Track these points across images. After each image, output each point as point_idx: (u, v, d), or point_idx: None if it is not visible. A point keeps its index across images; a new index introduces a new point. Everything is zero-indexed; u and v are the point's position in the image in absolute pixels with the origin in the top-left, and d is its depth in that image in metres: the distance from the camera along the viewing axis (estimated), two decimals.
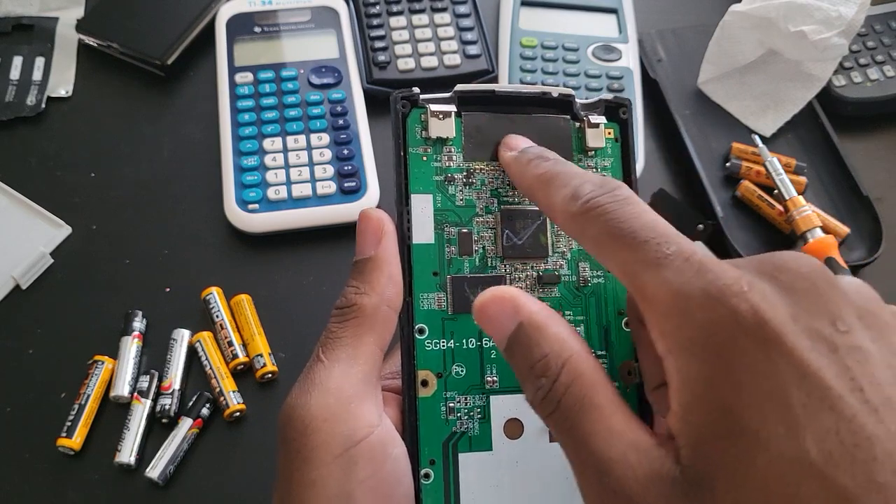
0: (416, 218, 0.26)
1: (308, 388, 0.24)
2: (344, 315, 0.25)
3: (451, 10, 0.61)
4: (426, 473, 0.25)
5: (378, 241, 0.25)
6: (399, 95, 0.26)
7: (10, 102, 0.56)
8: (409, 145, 0.26)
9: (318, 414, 0.23)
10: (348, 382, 0.24)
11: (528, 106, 0.28)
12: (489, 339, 0.26)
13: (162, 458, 0.42)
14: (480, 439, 0.25)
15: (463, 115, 0.27)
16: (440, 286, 0.26)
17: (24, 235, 0.50)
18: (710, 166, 0.55)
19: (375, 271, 0.25)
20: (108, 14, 0.60)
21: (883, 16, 0.61)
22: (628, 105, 0.28)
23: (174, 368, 0.45)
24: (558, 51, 0.59)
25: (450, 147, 0.27)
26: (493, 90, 0.27)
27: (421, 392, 0.25)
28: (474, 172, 0.27)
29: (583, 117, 0.28)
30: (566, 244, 0.27)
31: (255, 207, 0.50)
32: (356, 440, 0.23)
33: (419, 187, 0.26)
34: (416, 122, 0.27)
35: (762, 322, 0.17)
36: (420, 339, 0.25)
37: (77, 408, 0.43)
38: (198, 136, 0.56)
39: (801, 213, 0.49)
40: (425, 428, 0.25)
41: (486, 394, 0.26)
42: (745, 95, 0.58)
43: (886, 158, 0.58)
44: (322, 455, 0.23)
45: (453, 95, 0.27)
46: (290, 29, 0.58)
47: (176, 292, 0.49)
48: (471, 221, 0.27)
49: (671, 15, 0.65)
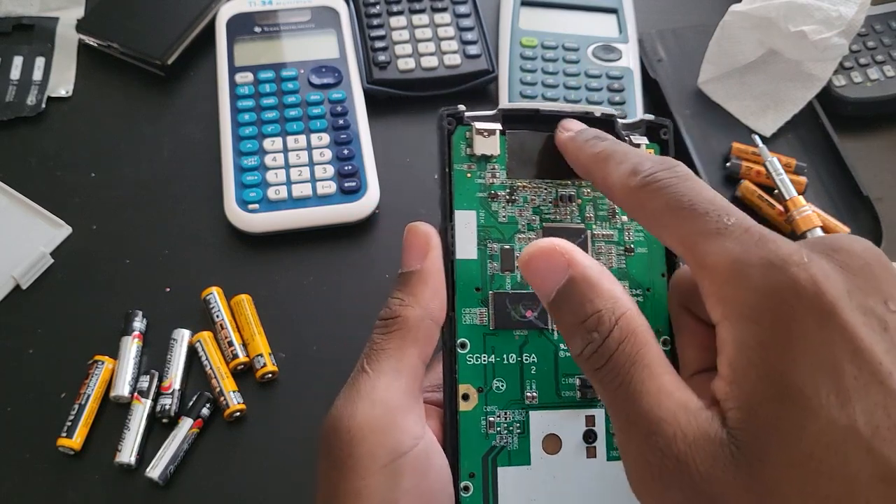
0: (459, 234, 0.26)
1: (354, 398, 0.24)
2: (388, 326, 0.25)
3: (451, 10, 0.60)
4: (466, 486, 0.25)
5: (425, 254, 0.25)
6: (445, 112, 0.27)
7: (10, 102, 0.56)
8: (454, 162, 0.27)
9: (364, 424, 0.23)
10: (393, 394, 0.24)
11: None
12: (529, 356, 0.26)
13: (162, 458, 0.42)
14: (519, 454, 0.26)
15: (507, 134, 0.27)
16: (482, 302, 0.26)
17: (24, 235, 0.50)
18: (711, 166, 0.55)
19: (421, 284, 0.25)
20: (108, 14, 0.60)
21: (883, 16, 0.61)
22: (669, 126, 0.29)
23: (174, 368, 0.45)
24: (558, 51, 0.59)
25: (493, 164, 0.27)
26: (537, 109, 0.27)
27: (462, 406, 0.25)
28: (517, 190, 0.27)
29: (625, 137, 0.28)
30: (606, 262, 0.27)
31: (255, 207, 0.50)
32: (402, 451, 0.23)
33: (463, 203, 0.27)
34: (461, 140, 0.27)
35: (820, 293, 0.18)
36: (462, 353, 0.26)
37: (77, 408, 0.43)
38: (198, 136, 0.56)
39: (801, 213, 0.49)
40: (466, 441, 0.25)
41: (526, 409, 0.26)
42: (745, 95, 0.58)
43: (886, 158, 0.58)
44: (368, 465, 0.23)
45: (498, 113, 0.27)
46: (290, 29, 0.58)
47: (176, 292, 0.49)
48: (513, 238, 0.27)
49: (671, 15, 0.65)
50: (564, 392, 0.26)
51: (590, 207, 0.28)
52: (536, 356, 0.26)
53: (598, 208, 0.28)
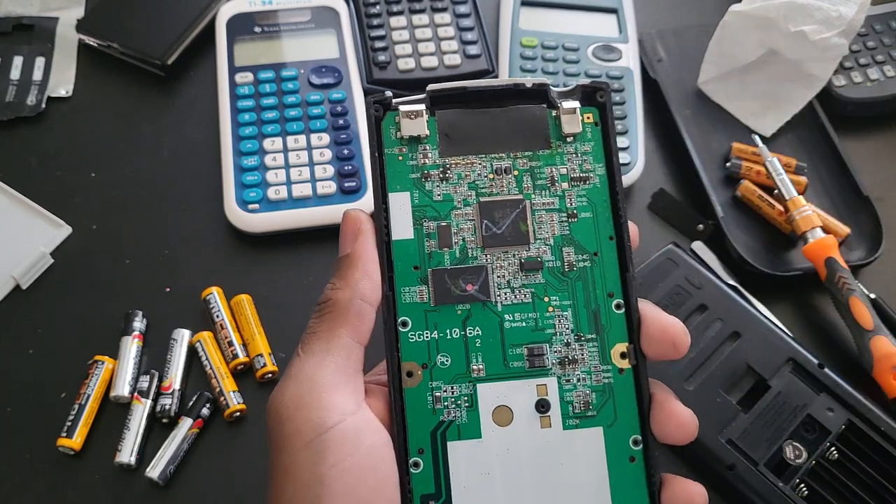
0: (394, 215, 0.27)
1: (285, 380, 0.25)
2: (320, 310, 0.26)
3: (451, 9, 0.60)
4: (415, 462, 0.25)
5: (355, 238, 0.26)
6: (372, 100, 0.27)
7: (10, 102, 0.56)
8: (385, 146, 0.27)
9: (290, 403, 0.24)
10: (321, 373, 0.25)
11: (502, 99, 0.28)
12: (473, 329, 0.27)
13: (162, 458, 0.42)
14: (469, 427, 0.26)
15: (437, 114, 0.28)
16: (421, 280, 0.27)
17: (24, 235, 0.50)
18: (711, 166, 0.55)
19: (350, 267, 0.26)
20: (108, 14, 0.60)
21: (883, 16, 0.61)
22: (606, 88, 0.28)
23: (174, 368, 0.45)
24: (558, 51, 0.59)
25: (425, 145, 0.28)
26: (464, 87, 0.28)
27: (406, 383, 0.26)
28: (451, 167, 0.28)
29: (558, 104, 0.28)
30: (548, 231, 0.27)
31: (255, 207, 0.50)
32: (326, 427, 0.24)
33: (396, 186, 0.27)
34: (390, 124, 0.28)
35: None
36: (404, 331, 0.26)
37: (77, 408, 0.43)
38: (198, 136, 0.56)
39: (801, 213, 0.49)
40: (412, 418, 0.26)
41: (473, 382, 0.26)
42: (745, 95, 0.58)
43: (886, 158, 0.58)
44: (294, 442, 0.24)
45: (426, 96, 0.28)
46: (290, 29, 0.58)
47: (176, 292, 0.49)
48: (449, 215, 0.27)
49: (671, 15, 0.65)
50: (512, 363, 0.26)
51: (527, 177, 0.28)
52: (481, 329, 0.27)
53: (536, 178, 0.28)
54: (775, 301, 0.50)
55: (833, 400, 0.43)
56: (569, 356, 0.27)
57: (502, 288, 0.27)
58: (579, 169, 0.28)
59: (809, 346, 0.46)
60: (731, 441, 0.41)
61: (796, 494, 0.40)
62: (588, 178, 0.28)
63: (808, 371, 0.44)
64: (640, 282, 0.47)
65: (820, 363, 0.44)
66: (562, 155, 0.28)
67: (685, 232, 0.53)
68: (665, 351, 0.26)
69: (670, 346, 0.26)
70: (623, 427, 0.26)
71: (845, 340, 0.49)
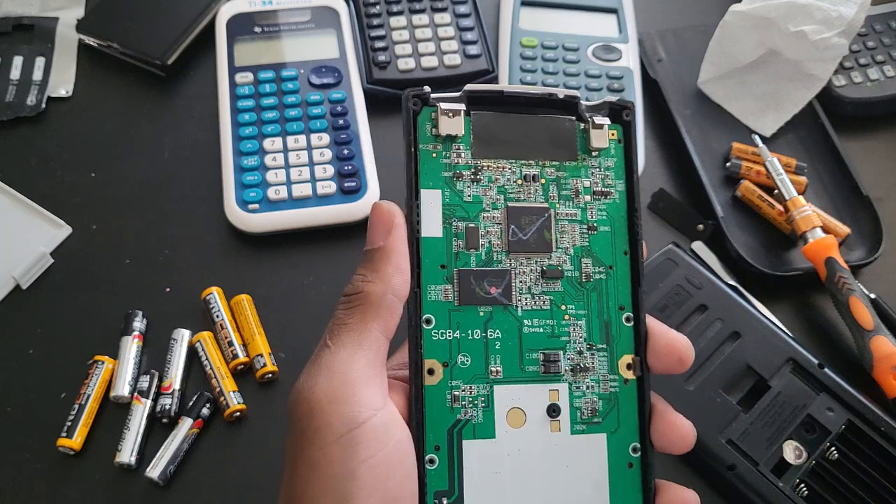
0: (425, 212, 0.27)
1: (314, 371, 0.25)
2: (350, 302, 0.26)
3: (451, 10, 0.60)
4: (431, 459, 0.26)
5: (388, 231, 0.26)
6: (411, 93, 0.27)
7: (10, 102, 0.56)
8: (420, 142, 0.27)
9: (322, 397, 0.24)
10: (352, 367, 0.24)
11: (534, 107, 0.29)
12: (493, 331, 0.27)
13: (162, 458, 0.42)
14: (484, 427, 0.26)
15: (472, 114, 0.28)
16: (447, 279, 0.27)
17: (24, 235, 0.50)
18: (711, 166, 0.55)
19: (383, 261, 0.26)
20: (108, 14, 0.60)
21: (883, 16, 0.61)
22: (632, 108, 0.29)
23: (174, 368, 0.45)
24: (558, 51, 0.59)
25: (458, 145, 0.28)
26: (501, 91, 0.28)
27: (427, 380, 0.26)
28: (482, 170, 0.28)
29: (587, 118, 0.29)
30: (570, 241, 0.28)
31: (255, 207, 0.50)
32: (359, 422, 0.24)
33: (429, 183, 0.27)
34: (426, 120, 0.28)
35: None
36: (427, 329, 0.26)
37: (77, 408, 0.43)
38: (198, 136, 0.56)
39: (801, 213, 0.49)
40: (431, 415, 0.26)
41: (490, 383, 0.27)
42: (745, 95, 0.58)
43: (886, 158, 0.58)
44: (326, 436, 0.23)
45: (463, 95, 0.28)
46: (290, 29, 0.58)
47: (176, 292, 0.49)
48: (478, 217, 0.28)
49: (671, 15, 0.65)
50: (528, 367, 0.27)
51: (553, 187, 0.28)
52: (501, 332, 0.27)
53: (562, 188, 0.28)
54: (775, 301, 0.50)
55: (833, 400, 0.43)
56: (581, 364, 0.27)
57: (523, 293, 0.27)
58: (602, 183, 0.29)
59: (809, 346, 0.46)
60: (731, 441, 0.41)
61: (796, 494, 0.40)
62: (609, 193, 0.29)
63: (808, 371, 0.44)
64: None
65: (820, 363, 0.44)
66: (587, 168, 0.29)
67: (685, 232, 0.53)
68: (671, 365, 0.27)
69: (676, 361, 0.27)
70: (624, 435, 0.27)
71: (845, 340, 0.49)
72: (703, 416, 0.42)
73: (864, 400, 0.43)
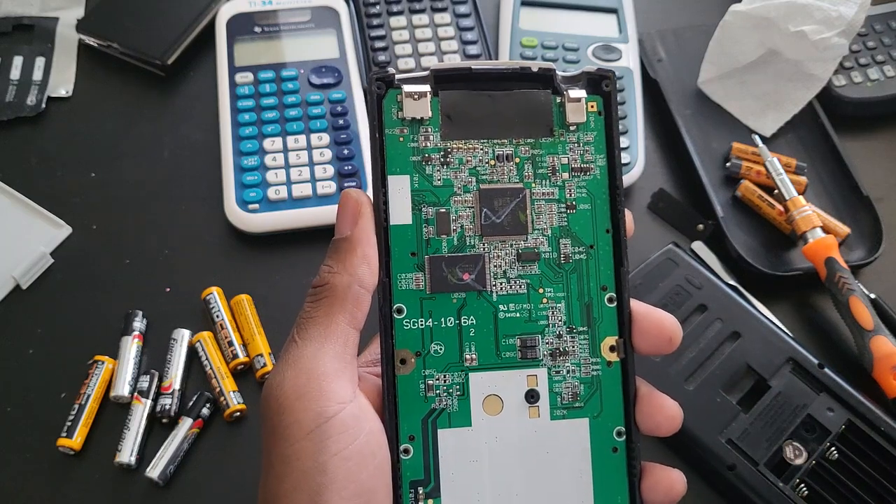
0: (393, 199, 0.26)
1: (282, 367, 0.25)
2: (316, 294, 0.26)
3: (451, 9, 0.60)
4: (406, 449, 0.26)
5: (355, 221, 0.26)
6: (374, 76, 0.26)
7: (10, 102, 0.56)
8: (386, 126, 0.26)
9: (290, 392, 0.24)
10: (320, 361, 0.24)
11: (507, 82, 0.27)
12: (468, 318, 0.26)
13: (162, 458, 0.42)
14: (460, 416, 0.26)
15: (440, 94, 0.27)
16: (418, 266, 0.26)
17: (24, 235, 0.50)
18: (711, 166, 0.55)
19: (349, 251, 0.26)
20: (108, 14, 0.60)
21: (883, 16, 0.61)
22: (612, 77, 0.28)
23: (174, 368, 0.45)
24: (558, 51, 0.59)
25: (426, 127, 0.27)
26: (469, 67, 0.27)
27: (399, 370, 0.26)
28: (452, 151, 0.27)
29: (563, 91, 0.27)
30: (546, 222, 0.27)
31: (255, 207, 0.50)
32: (328, 416, 0.24)
33: (396, 168, 0.27)
34: (392, 104, 0.27)
35: None
36: (398, 318, 0.26)
37: (77, 408, 0.43)
38: (198, 136, 0.56)
39: (801, 213, 0.49)
40: (404, 405, 0.26)
41: (465, 371, 0.26)
42: (745, 95, 0.58)
43: (886, 158, 0.58)
44: (296, 431, 0.23)
45: (430, 75, 0.27)
46: (290, 29, 0.58)
47: (176, 292, 0.49)
48: (449, 201, 0.27)
49: (671, 15, 0.65)
50: (504, 353, 0.27)
51: (528, 166, 0.27)
52: (475, 318, 0.26)
53: (538, 166, 0.27)
54: (775, 301, 0.50)
55: (833, 400, 0.43)
56: (560, 348, 0.27)
57: (498, 278, 0.27)
58: (581, 159, 0.27)
59: (809, 346, 0.46)
60: (731, 441, 0.41)
61: (796, 494, 0.40)
62: (589, 169, 0.27)
63: (808, 371, 0.44)
64: (641, 282, 0.47)
65: (820, 363, 0.44)
66: (564, 144, 0.27)
67: (685, 232, 0.53)
68: (660, 345, 0.26)
69: (666, 341, 0.26)
70: (608, 419, 0.27)
71: (845, 340, 0.49)
72: (703, 416, 0.42)
73: (864, 400, 0.43)
